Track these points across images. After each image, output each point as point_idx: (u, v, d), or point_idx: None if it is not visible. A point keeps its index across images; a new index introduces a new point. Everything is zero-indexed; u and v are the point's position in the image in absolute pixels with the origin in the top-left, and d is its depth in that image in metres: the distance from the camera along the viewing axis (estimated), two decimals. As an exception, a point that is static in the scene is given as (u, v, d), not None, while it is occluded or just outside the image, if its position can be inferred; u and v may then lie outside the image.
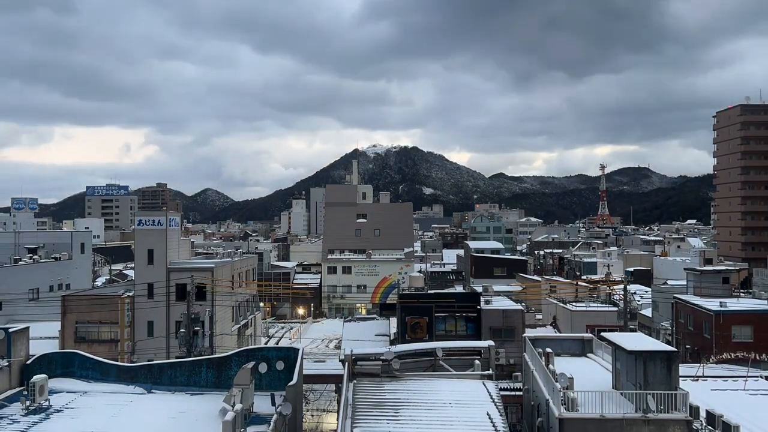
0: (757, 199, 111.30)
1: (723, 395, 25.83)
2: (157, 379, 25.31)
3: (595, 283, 65.90)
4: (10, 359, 24.10)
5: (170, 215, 47.66)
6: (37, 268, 58.50)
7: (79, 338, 43.53)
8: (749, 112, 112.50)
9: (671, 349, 22.35)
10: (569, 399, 20.76)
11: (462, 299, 43.03)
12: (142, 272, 45.59)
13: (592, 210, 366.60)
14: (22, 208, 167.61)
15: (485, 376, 25.48)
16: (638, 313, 50.47)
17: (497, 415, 20.76)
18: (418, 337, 38.89)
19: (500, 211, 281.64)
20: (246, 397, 21.06)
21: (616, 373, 23.64)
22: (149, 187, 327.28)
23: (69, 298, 45.31)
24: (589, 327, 46.07)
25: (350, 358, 26.07)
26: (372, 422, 20.25)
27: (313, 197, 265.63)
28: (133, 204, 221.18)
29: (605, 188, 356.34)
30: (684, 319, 46.87)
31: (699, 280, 49.01)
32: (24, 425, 20.43)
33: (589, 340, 31.30)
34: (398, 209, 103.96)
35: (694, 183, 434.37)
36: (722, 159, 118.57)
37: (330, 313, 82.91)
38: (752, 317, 42.19)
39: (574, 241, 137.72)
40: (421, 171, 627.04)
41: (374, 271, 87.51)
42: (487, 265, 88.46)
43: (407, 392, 23.44)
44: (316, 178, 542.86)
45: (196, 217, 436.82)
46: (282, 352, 25.84)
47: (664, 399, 20.19)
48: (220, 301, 45.08)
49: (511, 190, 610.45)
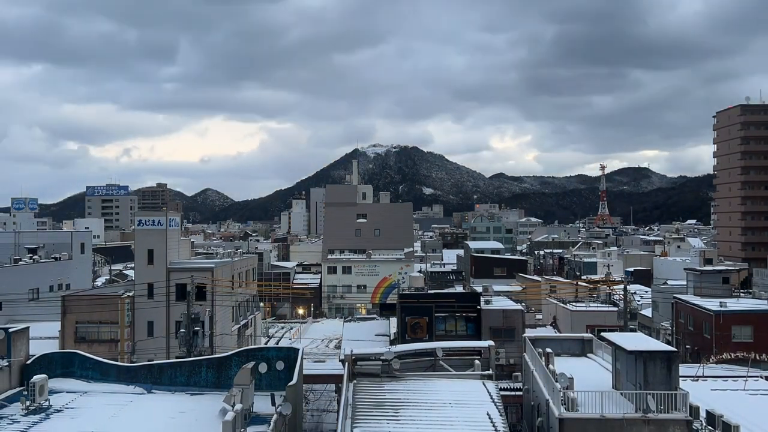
0: (757, 199, 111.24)
1: (723, 395, 25.83)
2: (157, 379, 25.30)
3: (595, 283, 65.85)
4: (10, 359, 24.11)
5: (170, 215, 47.65)
6: (37, 268, 58.48)
7: (79, 338, 43.49)
8: (749, 112, 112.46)
9: (671, 349, 22.37)
10: (569, 399, 20.76)
11: (462, 299, 43.04)
12: (142, 272, 45.56)
13: (592, 210, 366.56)
14: (22, 208, 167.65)
15: (485, 376, 25.47)
16: (638, 313, 50.47)
17: (497, 415, 20.76)
18: (418, 337, 38.88)
19: (500, 211, 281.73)
20: (246, 397, 21.06)
21: (616, 373, 23.65)
22: (149, 188, 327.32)
23: (69, 298, 45.27)
24: (589, 327, 46.03)
25: (350, 358, 26.06)
26: (372, 422, 20.25)
27: (313, 197, 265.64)
28: (133, 204, 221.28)
29: (605, 188, 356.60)
30: (684, 319, 46.87)
31: (699, 280, 49.04)
32: (24, 425, 20.43)
33: (589, 340, 31.30)
34: (398, 209, 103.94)
35: (694, 183, 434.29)
36: (722, 159, 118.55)
37: (330, 313, 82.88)
38: (752, 317, 42.20)
39: (574, 241, 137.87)
40: (421, 171, 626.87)
41: (374, 271, 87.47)
42: (487, 265, 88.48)
43: (407, 392, 23.44)
44: (316, 178, 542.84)
45: (196, 217, 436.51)
46: (282, 352, 25.85)
47: (664, 399, 20.19)
48: (220, 301, 45.06)
49: (511, 190, 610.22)
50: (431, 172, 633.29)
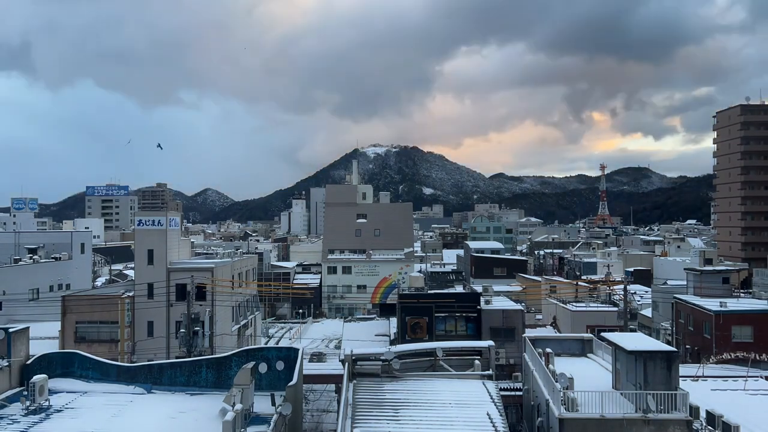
0: (757, 199, 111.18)
1: (723, 395, 25.84)
2: (157, 379, 25.30)
3: (595, 283, 65.87)
4: (10, 359, 24.11)
5: (170, 215, 47.63)
6: (37, 268, 58.48)
7: (79, 338, 43.47)
8: (749, 112, 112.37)
9: (671, 349, 22.35)
10: (569, 399, 20.76)
11: (462, 299, 43.03)
12: (142, 272, 45.55)
13: (592, 210, 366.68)
14: (22, 208, 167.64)
15: (485, 376, 25.45)
16: (638, 313, 50.63)
17: (497, 415, 20.74)
18: (418, 337, 38.90)
19: (500, 211, 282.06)
20: (246, 397, 21.06)
21: (616, 373, 23.64)
22: (149, 187, 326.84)
23: (69, 298, 45.24)
24: (589, 327, 46.09)
25: (350, 358, 26.04)
26: (372, 422, 20.24)
27: (313, 197, 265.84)
28: (133, 204, 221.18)
29: (605, 188, 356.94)
30: (684, 319, 46.87)
31: (699, 280, 49.00)
32: (24, 425, 20.43)
33: (589, 340, 31.30)
34: (398, 209, 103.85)
35: (694, 183, 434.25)
36: (722, 159, 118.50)
37: (330, 313, 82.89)
38: (752, 317, 42.19)
39: (574, 241, 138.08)
40: (421, 171, 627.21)
41: (374, 271, 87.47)
42: (487, 265, 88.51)
43: (407, 392, 23.42)
44: (316, 178, 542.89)
45: (196, 217, 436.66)
46: (282, 352, 25.84)
47: (664, 399, 20.20)
48: (220, 301, 45.04)
49: (511, 190, 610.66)
50: (431, 172, 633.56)
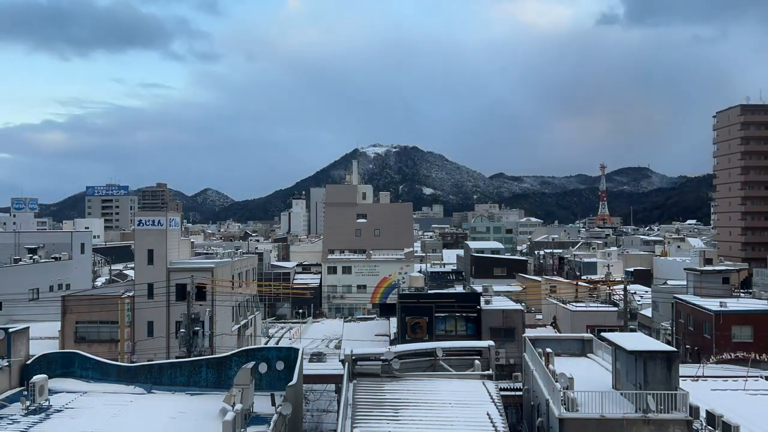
0: (757, 199, 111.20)
1: (723, 395, 25.82)
2: (157, 379, 25.30)
3: (595, 283, 65.85)
4: (10, 359, 24.12)
5: (170, 215, 47.61)
6: (37, 268, 58.43)
7: (79, 338, 43.47)
8: (749, 112, 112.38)
9: (671, 349, 22.34)
10: (569, 399, 20.76)
11: (462, 299, 43.00)
12: (142, 272, 45.54)
13: (592, 210, 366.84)
14: (22, 208, 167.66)
15: (485, 376, 25.46)
16: (638, 313, 50.53)
17: (497, 415, 20.75)
18: (418, 337, 38.88)
19: (500, 211, 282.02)
20: (246, 397, 21.06)
21: (616, 373, 23.64)
22: (149, 188, 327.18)
23: (69, 298, 45.23)
24: (589, 327, 46.06)
25: (350, 358, 26.04)
26: (372, 422, 20.24)
27: (313, 197, 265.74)
28: (133, 204, 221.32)
29: (605, 188, 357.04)
30: (684, 319, 46.86)
31: (699, 280, 48.99)
32: (24, 425, 20.43)
33: (589, 340, 31.30)
34: (398, 209, 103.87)
35: (694, 183, 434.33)
36: (722, 159, 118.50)
37: (330, 313, 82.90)
38: (752, 317, 42.17)
39: (574, 241, 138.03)
40: (421, 171, 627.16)
41: (374, 271, 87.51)
42: (487, 265, 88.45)
43: (407, 392, 23.43)
44: (316, 178, 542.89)
45: (196, 217, 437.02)
46: (282, 352, 25.83)
47: (664, 399, 20.19)
48: (220, 301, 45.03)
49: (511, 190, 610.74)
50: (431, 172, 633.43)
